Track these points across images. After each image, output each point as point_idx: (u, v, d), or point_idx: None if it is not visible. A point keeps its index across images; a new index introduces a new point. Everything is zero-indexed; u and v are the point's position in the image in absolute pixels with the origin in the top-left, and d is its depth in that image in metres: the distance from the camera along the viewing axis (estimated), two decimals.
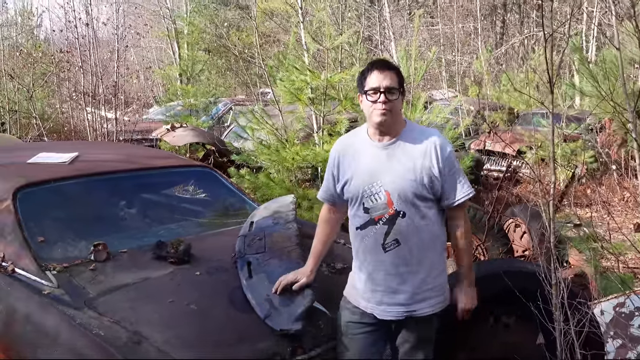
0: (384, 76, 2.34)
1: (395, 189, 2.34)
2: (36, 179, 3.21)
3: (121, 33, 9.07)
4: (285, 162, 5.74)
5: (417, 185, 2.34)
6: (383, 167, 2.38)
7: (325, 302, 2.63)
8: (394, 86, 2.34)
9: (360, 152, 2.45)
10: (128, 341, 2.20)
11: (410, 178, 2.34)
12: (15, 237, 2.84)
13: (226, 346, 2.28)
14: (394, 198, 2.34)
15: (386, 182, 2.36)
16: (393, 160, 2.38)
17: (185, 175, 4.01)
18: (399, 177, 2.35)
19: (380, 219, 2.36)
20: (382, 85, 2.32)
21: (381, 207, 2.36)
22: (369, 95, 2.35)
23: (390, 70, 2.37)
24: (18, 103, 10.17)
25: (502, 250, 4.64)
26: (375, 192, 2.37)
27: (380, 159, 2.40)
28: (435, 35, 21.21)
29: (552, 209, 2.46)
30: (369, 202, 2.38)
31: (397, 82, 2.36)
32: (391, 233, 2.36)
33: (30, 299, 2.51)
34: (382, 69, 2.36)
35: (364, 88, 2.38)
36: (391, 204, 2.35)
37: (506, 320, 2.83)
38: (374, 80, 2.34)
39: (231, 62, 19.64)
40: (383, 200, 2.35)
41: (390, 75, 2.35)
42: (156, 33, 18.32)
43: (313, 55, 6.95)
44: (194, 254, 2.92)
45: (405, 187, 2.34)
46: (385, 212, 2.36)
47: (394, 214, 2.35)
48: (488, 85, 15.16)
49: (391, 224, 2.35)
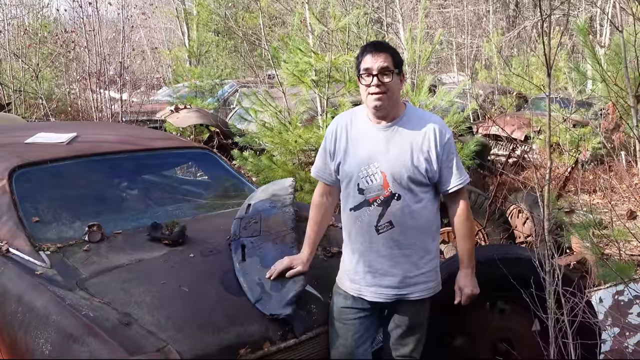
0: (377, 58, 2.29)
1: (392, 171, 2.32)
2: (32, 159, 3.20)
3: (126, 13, 9.01)
4: (288, 145, 5.69)
5: (414, 169, 2.32)
6: (381, 149, 2.36)
7: (319, 287, 2.62)
8: (388, 67, 2.29)
9: (358, 132, 2.42)
10: (117, 322, 2.20)
11: (407, 161, 2.32)
12: (10, 217, 2.84)
13: (216, 329, 2.27)
14: (390, 180, 2.33)
15: (383, 164, 2.34)
16: (391, 142, 2.36)
17: (183, 157, 4.00)
18: (396, 160, 2.33)
19: (375, 200, 2.35)
20: (375, 67, 2.28)
21: (376, 188, 2.34)
22: (362, 78, 2.32)
23: (384, 51, 2.31)
24: (25, 83, 10.17)
25: (503, 236, 4.60)
26: (371, 173, 2.35)
27: (378, 141, 2.37)
28: (446, 17, 20.96)
29: (547, 195, 2.41)
30: (364, 183, 2.36)
31: (392, 63, 2.31)
32: (385, 215, 2.34)
33: (23, 279, 2.50)
34: (375, 50, 2.31)
35: (358, 71, 2.35)
36: (387, 186, 2.33)
37: (502, 306, 2.81)
38: (367, 62, 2.30)
39: (238, 44, 19.53)
40: (379, 182, 2.34)
41: (384, 56, 2.30)
42: (165, 12, 18.23)
43: (319, 37, 6.87)
44: (189, 236, 2.91)
45: (401, 170, 2.32)
46: (380, 194, 2.34)
47: (388, 196, 2.33)
48: (498, 69, 14.97)
49: (385, 206, 2.34)
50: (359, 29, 9.50)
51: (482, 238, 4.67)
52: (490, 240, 4.63)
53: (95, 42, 8.68)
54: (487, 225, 4.63)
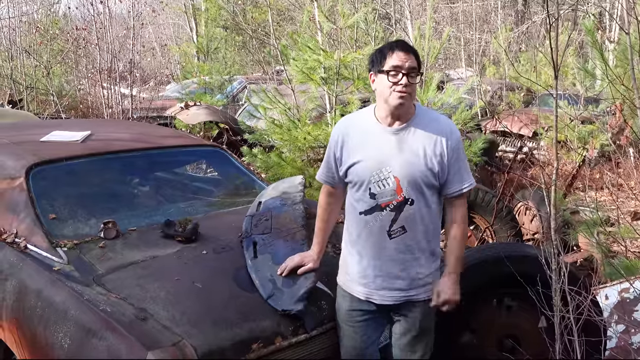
0: (407, 57, 2.27)
1: (405, 175, 2.30)
2: (49, 157, 3.27)
3: (137, 10, 9.08)
4: (297, 142, 5.74)
5: (428, 172, 2.32)
6: (393, 153, 2.33)
7: (330, 283, 2.66)
8: (415, 68, 2.28)
9: (367, 135, 2.39)
10: (134, 317, 2.26)
11: (421, 165, 2.31)
12: (27, 214, 2.90)
13: (229, 324, 2.33)
14: (404, 185, 2.31)
15: (396, 168, 2.31)
16: (403, 145, 2.33)
17: (195, 155, 4.06)
18: (410, 164, 2.31)
19: (388, 205, 2.33)
20: (405, 67, 2.25)
21: (389, 193, 2.32)
22: (390, 75, 2.26)
23: (412, 52, 2.30)
24: (36, 80, 10.26)
25: (510, 234, 4.63)
26: (383, 177, 2.33)
27: (390, 144, 2.34)
28: (455, 13, 20.88)
29: (554, 194, 2.45)
30: (377, 187, 2.33)
31: (417, 65, 2.30)
32: (398, 220, 2.33)
33: (41, 275, 2.57)
34: (406, 49, 2.29)
35: (383, 67, 2.28)
36: (400, 191, 2.31)
37: (509, 303, 2.86)
38: (397, 60, 2.26)
39: (246, 40, 19.57)
40: (392, 187, 2.32)
41: (412, 57, 2.28)
42: (174, 9, 18.28)
43: (328, 34, 6.90)
44: (202, 233, 2.97)
45: (415, 174, 2.31)
46: (393, 199, 2.32)
47: (402, 201, 2.32)
48: (506, 65, 14.93)
49: (399, 211, 2.32)
50: (367, 25, 9.53)
51: (490, 235, 4.71)
52: (498, 238, 4.66)
53: (106, 39, 8.76)
54: (494, 223, 4.66)
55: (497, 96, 12.80)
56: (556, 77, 2.36)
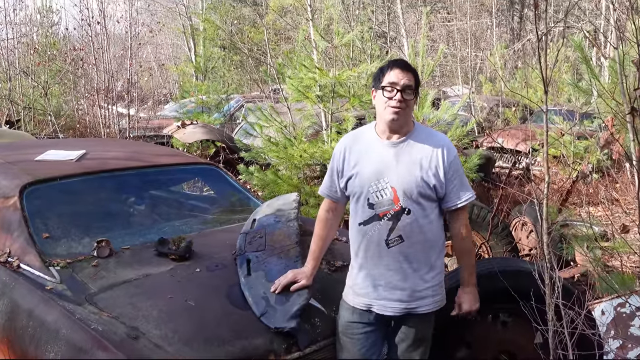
0: (404, 75, 2.39)
1: (402, 186, 2.39)
2: (43, 176, 3.28)
3: (134, 30, 9.16)
4: (293, 160, 5.76)
5: (423, 184, 2.39)
6: (390, 165, 2.42)
7: (323, 300, 2.66)
8: (411, 86, 2.40)
9: (367, 149, 2.49)
10: (125, 336, 2.25)
11: (417, 177, 2.39)
12: (21, 233, 2.90)
13: (221, 342, 2.31)
14: (400, 195, 2.39)
15: (393, 179, 2.40)
16: (400, 158, 2.43)
17: (190, 173, 4.06)
18: (406, 175, 2.40)
19: (385, 215, 2.41)
20: (401, 83, 2.37)
21: (387, 203, 2.40)
22: (385, 90, 2.39)
23: (410, 71, 2.43)
24: (34, 100, 10.31)
25: (506, 249, 4.62)
26: (381, 188, 2.41)
27: (387, 157, 2.44)
28: (451, 31, 21.07)
29: (546, 209, 2.46)
30: (375, 198, 2.42)
31: (414, 83, 2.42)
32: (395, 229, 2.40)
33: (33, 294, 2.56)
34: (403, 68, 2.42)
35: (381, 83, 2.41)
36: (397, 201, 2.39)
37: (504, 319, 2.85)
38: (394, 77, 2.39)
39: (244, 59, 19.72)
40: (389, 197, 2.40)
41: (409, 76, 2.40)
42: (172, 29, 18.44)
43: (324, 52, 6.96)
44: (196, 251, 2.97)
45: (411, 185, 2.39)
46: (390, 209, 2.40)
47: (399, 211, 2.39)
48: (502, 82, 15.04)
49: (396, 220, 2.40)
50: (363, 44, 9.60)
51: (485, 251, 4.69)
52: (494, 254, 4.65)
53: (104, 60, 8.82)
54: (490, 239, 4.65)
55: (494, 113, 12.86)
56: (546, 92, 2.39)
